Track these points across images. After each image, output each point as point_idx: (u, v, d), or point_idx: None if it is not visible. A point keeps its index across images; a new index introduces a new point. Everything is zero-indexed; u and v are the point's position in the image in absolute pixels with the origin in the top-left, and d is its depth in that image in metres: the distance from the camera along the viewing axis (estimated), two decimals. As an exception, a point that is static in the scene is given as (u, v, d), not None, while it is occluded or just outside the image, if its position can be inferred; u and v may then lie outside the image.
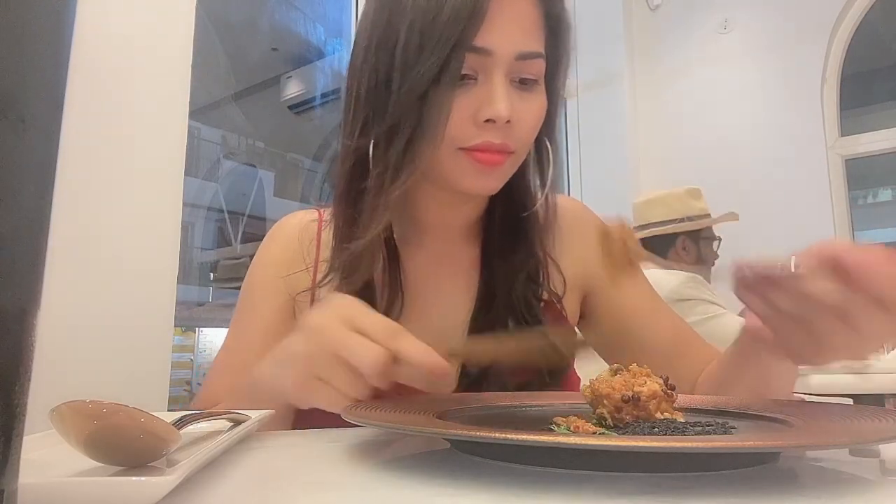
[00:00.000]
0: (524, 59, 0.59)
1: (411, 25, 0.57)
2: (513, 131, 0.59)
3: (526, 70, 0.60)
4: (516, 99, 0.59)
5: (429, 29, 0.56)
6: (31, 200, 0.20)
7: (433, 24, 0.56)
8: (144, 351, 0.91)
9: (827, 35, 3.04)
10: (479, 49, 0.57)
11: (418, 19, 0.56)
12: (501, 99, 0.57)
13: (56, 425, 0.29)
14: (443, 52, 0.55)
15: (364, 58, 0.61)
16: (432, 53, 0.56)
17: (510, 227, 0.69)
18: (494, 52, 0.57)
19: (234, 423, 0.44)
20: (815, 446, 0.34)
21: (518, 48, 0.58)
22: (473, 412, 0.48)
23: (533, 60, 0.60)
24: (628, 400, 0.39)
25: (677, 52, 3.42)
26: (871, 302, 0.41)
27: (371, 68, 0.60)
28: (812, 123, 3.00)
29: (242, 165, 5.24)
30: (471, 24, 0.55)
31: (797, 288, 0.43)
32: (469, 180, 0.61)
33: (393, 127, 0.58)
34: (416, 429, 0.35)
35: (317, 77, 5.25)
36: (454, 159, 0.60)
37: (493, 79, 0.58)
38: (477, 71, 0.58)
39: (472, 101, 0.58)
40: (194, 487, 0.31)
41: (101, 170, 0.88)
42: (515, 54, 0.58)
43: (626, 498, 0.28)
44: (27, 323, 0.20)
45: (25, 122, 0.20)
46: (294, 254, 0.71)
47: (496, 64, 0.58)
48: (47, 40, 0.21)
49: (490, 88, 0.58)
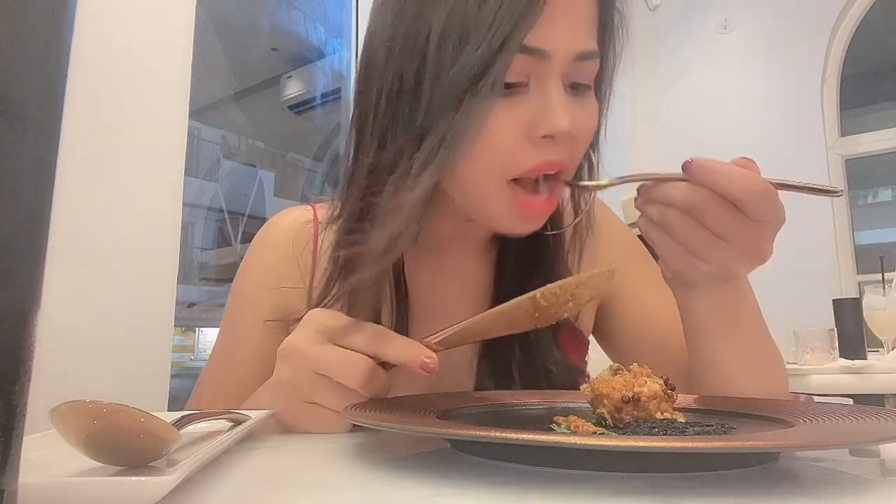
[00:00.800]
0: (583, 59, 0.50)
1: (449, 17, 0.46)
2: (571, 149, 0.50)
3: (582, 73, 0.50)
4: (573, 108, 0.49)
5: (472, 21, 0.46)
6: (31, 200, 0.20)
7: (478, 14, 0.45)
8: (144, 351, 0.91)
9: (827, 35, 3.04)
10: (533, 49, 0.47)
11: (458, 10, 0.46)
12: (562, 110, 0.48)
13: (56, 425, 0.29)
14: (489, 50, 0.45)
15: (386, 56, 0.51)
16: (475, 50, 0.45)
17: (528, 246, 0.62)
18: (552, 54, 0.47)
19: (234, 423, 0.44)
20: (815, 446, 0.34)
21: (578, 46, 0.49)
22: (473, 412, 0.48)
23: (590, 61, 0.51)
24: (628, 400, 0.39)
25: (677, 52, 3.42)
26: (715, 200, 0.44)
27: (394, 70, 0.50)
28: (812, 123, 3.01)
29: (242, 165, 5.24)
30: (526, 17, 0.45)
31: (657, 195, 0.47)
32: (511, 222, 0.52)
33: (418, 136, 0.48)
34: (416, 429, 0.35)
35: (317, 77, 5.25)
36: (501, 194, 0.50)
37: (548, 86, 0.48)
38: (529, 76, 0.48)
39: (525, 112, 0.48)
40: (194, 487, 0.31)
41: (101, 170, 0.88)
42: (574, 54, 0.49)
43: (626, 498, 0.28)
44: (27, 323, 0.20)
45: (25, 122, 0.20)
46: (287, 264, 0.65)
47: (553, 67, 0.48)
48: (47, 40, 0.21)
49: (546, 97, 0.48)
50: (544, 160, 0.49)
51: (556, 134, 0.48)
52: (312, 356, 0.46)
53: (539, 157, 0.49)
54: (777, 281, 2.81)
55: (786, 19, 3.14)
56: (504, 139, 0.48)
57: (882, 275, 1.90)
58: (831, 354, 1.73)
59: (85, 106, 0.85)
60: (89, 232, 0.86)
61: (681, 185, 0.45)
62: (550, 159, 0.49)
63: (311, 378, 0.46)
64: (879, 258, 1.98)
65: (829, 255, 2.88)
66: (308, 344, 0.47)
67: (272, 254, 0.67)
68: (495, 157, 0.48)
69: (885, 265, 1.93)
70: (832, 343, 1.75)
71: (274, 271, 0.65)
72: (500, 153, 0.48)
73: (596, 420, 0.41)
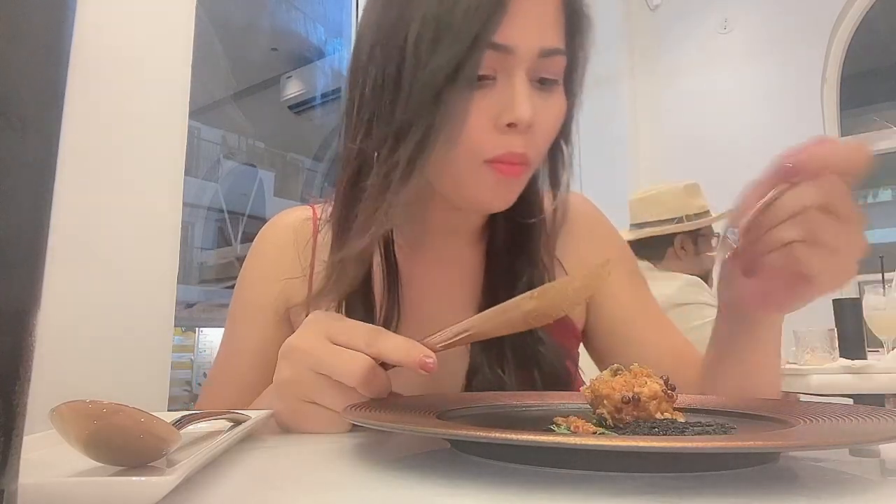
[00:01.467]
0: (547, 55, 0.54)
1: (425, 18, 0.51)
2: (534, 137, 0.55)
3: (547, 68, 0.55)
4: (538, 100, 0.55)
5: (445, 22, 0.50)
6: (31, 200, 0.20)
7: (450, 16, 0.50)
8: (144, 351, 0.91)
9: (827, 35, 3.04)
10: (499, 46, 0.52)
11: (433, 11, 0.51)
12: (524, 100, 0.53)
13: (56, 425, 0.29)
14: (461, 48, 0.50)
15: (370, 54, 0.56)
16: (449, 49, 0.50)
17: (514, 233, 0.66)
18: (516, 49, 0.52)
19: (234, 423, 0.44)
20: (815, 446, 0.34)
21: (541, 44, 0.54)
22: (473, 412, 0.48)
23: (555, 57, 0.55)
24: (629, 401, 0.39)
25: (677, 52, 3.42)
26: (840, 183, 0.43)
27: (378, 65, 0.55)
28: (812, 123, 3.01)
29: (242, 165, 5.25)
30: (493, 17, 0.50)
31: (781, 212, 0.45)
32: (489, 195, 0.57)
33: (401, 130, 0.53)
34: (416, 429, 0.35)
35: (317, 77, 5.25)
36: (478, 173, 0.55)
37: (513, 79, 0.53)
38: (496, 70, 0.53)
39: (493, 103, 0.53)
40: (194, 487, 0.31)
41: (101, 170, 0.88)
42: (538, 51, 0.53)
43: (626, 498, 0.28)
44: (27, 323, 0.20)
45: (25, 122, 0.20)
46: (290, 260, 0.68)
47: (518, 62, 0.53)
48: (47, 40, 0.21)
49: (511, 89, 0.53)
50: (508, 151, 0.54)
51: (518, 122, 0.53)
52: (313, 355, 0.46)
53: (504, 147, 0.54)
54: (777, 281, 2.82)
55: (786, 19, 3.14)
56: (474, 127, 0.53)
57: (882, 275, 1.90)
58: (831, 354, 1.73)
59: (85, 106, 0.85)
60: (89, 232, 0.86)
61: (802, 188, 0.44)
62: (513, 150, 0.54)
63: (312, 377, 0.46)
64: (879, 258, 1.98)
65: (829, 255, 2.88)
66: (308, 343, 0.47)
67: (274, 250, 0.70)
68: (467, 142, 0.53)
69: (885, 265, 1.93)
70: (832, 343, 1.75)
71: (276, 265, 0.68)
72: (471, 139, 0.53)
73: (596, 420, 0.41)
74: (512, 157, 0.54)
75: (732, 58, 3.25)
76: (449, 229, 0.67)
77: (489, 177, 0.55)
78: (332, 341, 0.46)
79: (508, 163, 0.54)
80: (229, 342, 0.70)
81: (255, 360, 0.65)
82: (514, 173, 0.55)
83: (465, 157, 0.54)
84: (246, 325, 0.68)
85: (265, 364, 0.63)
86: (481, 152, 0.54)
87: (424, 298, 0.65)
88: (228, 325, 0.70)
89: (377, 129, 0.55)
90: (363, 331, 0.47)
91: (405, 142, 0.52)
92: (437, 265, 0.67)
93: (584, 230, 0.71)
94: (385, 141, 0.54)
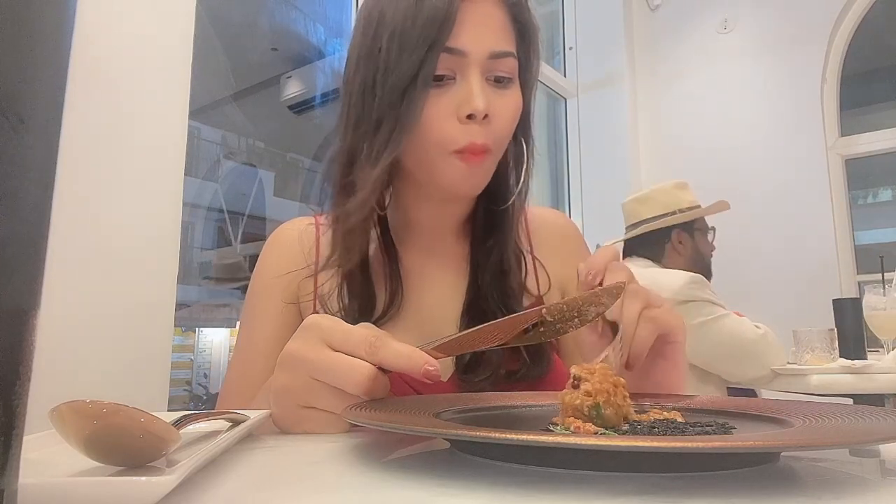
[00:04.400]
0: (497, 57, 0.64)
1: (392, 34, 0.63)
2: (492, 128, 0.64)
3: (499, 68, 0.65)
4: (493, 95, 0.64)
5: (407, 34, 0.62)
6: (31, 200, 0.20)
7: (411, 29, 0.62)
8: (144, 351, 0.91)
9: (827, 35, 3.04)
10: (453, 50, 0.62)
11: (398, 27, 0.62)
12: (478, 94, 0.62)
13: (56, 425, 0.29)
14: (420, 53, 0.61)
15: (355, 68, 0.67)
16: (411, 55, 0.61)
17: (490, 223, 0.74)
18: (468, 52, 0.62)
19: (234, 423, 0.44)
20: (815, 446, 0.34)
21: (490, 47, 0.63)
22: (473, 412, 0.48)
23: (505, 59, 0.65)
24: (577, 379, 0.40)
25: (677, 52, 3.42)
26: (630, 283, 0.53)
27: (361, 76, 0.66)
28: (812, 123, 3.01)
29: (242, 165, 5.24)
30: (444, 27, 0.61)
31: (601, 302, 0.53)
32: (458, 181, 0.65)
33: (377, 123, 0.64)
34: (416, 429, 0.35)
35: (317, 77, 5.25)
36: (447, 163, 0.64)
37: (469, 77, 0.63)
38: (454, 71, 0.63)
39: (452, 99, 0.63)
40: (194, 487, 0.31)
41: (101, 170, 0.88)
42: (488, 53, 0.63)
43: (626, 498, 0.28)
44: (27, 323, 0.20)
45: (25, 122, 0.20)
46: (295, 257, 0.74)
47: (471, 63, 0.63)
48: (47, 40, 0.21)
49: (467, 86, 0.63)
50: (470, 142, 0.63)
51: (475, 112, 0.62)
52: (312, 363, 0.46)
53: (467, 139, 0.63)
54: (777, 281, 2.82)
55: (786, 19, 3.14)
56: (438, 120, 0.63)
57: (882, 275, 1.90)
58: (831, 354, 1.73)
59: (85, 106, 0.85)
60: (89, 232, 0.86)
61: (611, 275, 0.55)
62: (475, 141, 0.63)
63: (310, 384, 0.46)
64: (879, 258, 1.98)
65: (829, 255, 2.88)
66: (306, 351, 0.47)
67: (281, 251, 0.77)
68: (434, 134, 0.63)
69: (885, 265, 1.93)
70: (832, 343, 1.75)
71: (286, 262, 0.74)
72: (436, 131, 0.63)
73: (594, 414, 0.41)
74: (474, 148, 0.63)
75: (732, 58, 3.25)
76: (436, 223, 0.75)
77: (458, 165, 0.64)
78: (331, 347, 0.47)
79: (472, 152, 0.63)
80: (245, 339, 0.73)
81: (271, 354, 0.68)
82: (477, 162, 0.64)
83: (435, 150, 0.64)
84: (261, 321, 0.73)
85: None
86: (448, 144, 0.63)
87: (418, 286, 0.73)
88: (243, 324, 0.74)
89: (361, 127, 0.66)
90: (363, 337, 0.46)
91: (381, 133, 0.63)
92: (429, 256, 0.75)
93: (557, 240, 0.81)
94: (366, 136, 0.65)
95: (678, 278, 1.76)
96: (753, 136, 3.10)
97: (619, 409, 0.40)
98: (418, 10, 0.62)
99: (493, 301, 0.70)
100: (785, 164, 2.99)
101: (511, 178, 0.74)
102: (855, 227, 3.00)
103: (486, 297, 0.70)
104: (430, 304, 0.72)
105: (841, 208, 2.97)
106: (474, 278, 0.72)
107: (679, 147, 3.30)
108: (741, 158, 3.08)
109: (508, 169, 0.73)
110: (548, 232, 0.81)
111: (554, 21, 3.47)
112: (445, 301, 0.72)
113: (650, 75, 3.45)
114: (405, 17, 0.62)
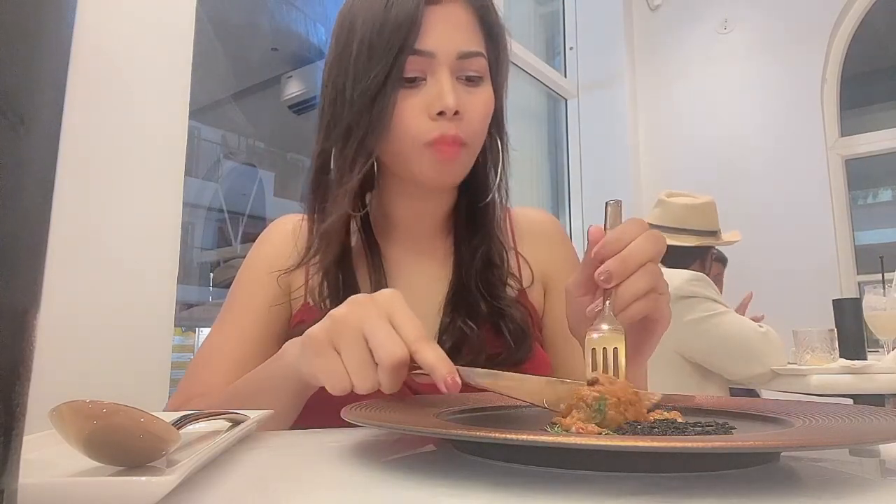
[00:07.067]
0: (465, 57, 0.66)
1: (361, 41, 0.65)
2: (463, 123, 0.66)
3: (469, 68, 0.67)
4: (463, 93, 0.66)
5: (376, 40, 0.64)
6: (32, 200, 0.20)
7: (379, 35, 0.64)
8: (144, 351, 0.91)
9: (827, 35, 3.04)
10: (421, 52, 0.64)
11: (367, 34, 0.65)
12: (448, 92, 0.64)
13: (56, 425, 0.29)
14: (389, 58, 0.64)
15: (328, 76, 0.70)
16: (380, 60, 0.64)
17: (472, 218, 0.76)
18: (436, 53, 0.65)
19: (234, 423, 0.44)
20: (815, 446, 0.34)
21: (458, 48, 0.66)
22: (473, 412, 0.48)
23: (474, 58, 0.67)
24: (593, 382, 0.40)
25: (677, 52, 3.42)
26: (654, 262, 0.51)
27: (333, 83, 0.69)
28: (812, 123, 3.01)
29: (242, 165, 5.24)
30: (411, 30, 0.64)
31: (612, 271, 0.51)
32: (433, 174, 0.67)
33: (349, 127, 0.67)
34: (416, 429, 0.35)
35: (317, 77, 5.24)
36: (420, 155, 0.66)
37: (439, 77, 0.65)
38: (425, 72, 0.66)
39: (424, 98, 0.65)
40: (194, 487, 0.31)
41: (101, 170, 0.88)
42: (456, 53, 0.66)
43: (626, 498, 0.28)
44: (27, 323, 0.20)
45: (25, 122, 0.20)
46: (289, 249, 0.76)
47: (440, 63, 0.65)
48: (47, 40, 0.21)
49: (437, 85, 0.65)
50: (441, 134, 0.65)
51: (445, 109, 0.64)
52: (367, 317, 0.47)
53: (438, 131, 0.65)
54: (777, 281, 2.82)
55: (786, 19, 3.14)
56: (410, 117, 0.65)
57: (882, 275, 1.90)
58: (831, 354, 1.73)
59: (85, 106, 0.85)
60: (89, 232, 0.86)
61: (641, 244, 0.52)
62: (445, 133, 0.65)
63: (354, 332, 0.47)
64: (879, 258, 1.98)
65: (829, 255, 2.88)
66: (370, 307, 0.47)
67: (273, 246, 0.78)
68: (406, 130, 0.66)
69: (885, 265, 1.93)
70: (832, 343, 1.75)
71: (278, 256, 0.76)
72: (410, 127, 0.66)
73: (596, 413, 0.41)
74: (446, 139, 0.65)
75: (732, 58, 3.25)
76: (418, 218, 0.77)
77: (431, 157, 0.66)
78: (388, 319, 0.47)
79: (444, 143, 0.65)
80: (225, 324, 0.73)
81: (254, 346, 0.70)
82: (451, 154, 0.66)
83: (409, 143, 0.66)
84: (248, 311, 0.73)
85: (262, 349, 0.69)
86: (419, 137, 0.66)
87: (401, 279, 0.74)
88: (225, 311, 0.74)
89: (334, 132, 0.69)
90: (415, 327, 0.47)
91: (352, 138, 0.67)
92: (412, 251, 0.76)
93: (542, 237, 0.83)
94: (339, 139, 0.68)
95: (681, 275, 1.76)
96: (753, 136, 3.10)
97: (623, 415, 0.40)
98: (386, 16, 0.64)
99: (475, 292, 0.71)
100: (785, 164, 2.99)
101: (490, 174, 0.76)
102: (855, 228, 3.00)
103: (470, 289, 0.72)
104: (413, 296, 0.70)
105: (841, 208, 2.97)
106: (458, 271, 0.74)
107: (679, 147, 3.30)
108: (741, 159, 3.08)
109: (487, 166, 0.75)
110: (530, 228, 0.83)
111: (554, 21, 3.47)
112: (428, 293, 0.73)
113: (650, 75, 3.45)
114: (374, 23, 0.65)
